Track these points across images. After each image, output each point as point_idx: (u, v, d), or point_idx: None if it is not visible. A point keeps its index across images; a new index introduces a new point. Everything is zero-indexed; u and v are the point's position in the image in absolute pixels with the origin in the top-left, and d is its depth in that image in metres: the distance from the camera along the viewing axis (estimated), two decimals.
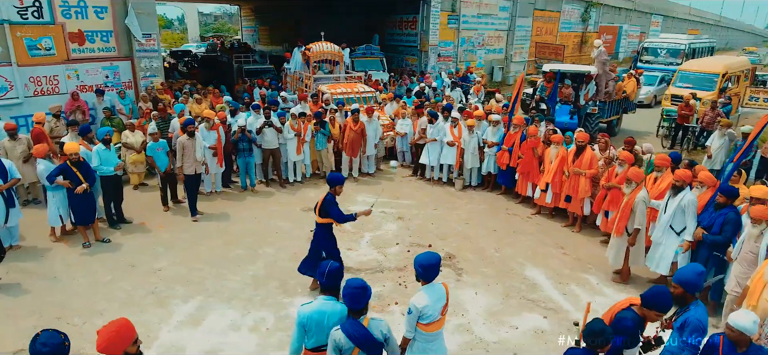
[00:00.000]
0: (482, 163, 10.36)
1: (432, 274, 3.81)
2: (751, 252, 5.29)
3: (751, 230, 5.30)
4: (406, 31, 22.28)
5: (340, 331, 3.41)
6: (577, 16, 32.74)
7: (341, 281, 3.61)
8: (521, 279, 6.87)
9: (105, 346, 2.93)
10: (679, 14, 52.24)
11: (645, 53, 27.56)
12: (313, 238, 6.31)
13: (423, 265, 3.78)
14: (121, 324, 3.03)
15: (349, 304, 3.45)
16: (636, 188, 6.59)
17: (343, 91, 12.69)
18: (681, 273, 3.91)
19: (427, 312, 3.75)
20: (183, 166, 8.51)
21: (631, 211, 6.52)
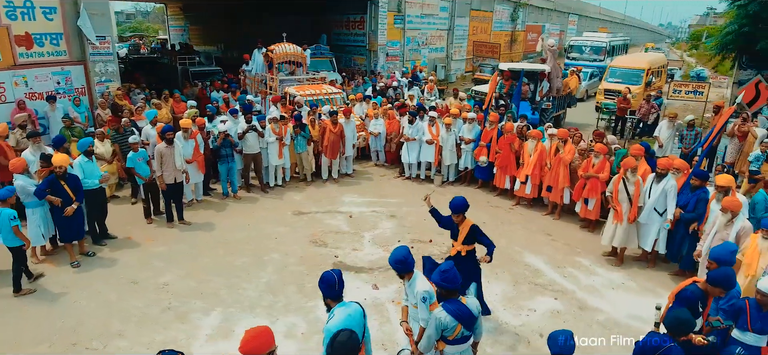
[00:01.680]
0: (459, 159, 10.82)
1: (411, 262, 4.14)
2: (722, 240, 5.71)
3: (721, 218, 5.89)
4: (354, 31, 22.41)
5: (443, 311, 3.74)
6: (507, 15, 34.53)
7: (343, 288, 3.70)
8: (524, 266, 7.36)
9: (246, 350, 2.98)
10: (591, 14, 56.57)
11: (571, 50, 29.73)
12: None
13: (399, 260, 4.10)
14: (262, 331, 3.09)
15: (449, 286, 3.79)
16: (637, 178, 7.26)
17: (312, 93, 12.65)
18: (716, 251, 4.52)
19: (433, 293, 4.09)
20: (163, 175, 8.19)
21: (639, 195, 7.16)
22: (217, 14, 30.29)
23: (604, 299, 6.52)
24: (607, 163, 8.33)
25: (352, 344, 3.11)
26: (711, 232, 6.08)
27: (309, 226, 8.62)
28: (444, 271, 3.83)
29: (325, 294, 3.68)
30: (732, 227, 5.83)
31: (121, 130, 9.14)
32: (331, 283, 3.61)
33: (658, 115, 14.95)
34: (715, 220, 6.09)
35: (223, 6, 28.13)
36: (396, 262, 4.14)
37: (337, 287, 3.61)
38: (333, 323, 3.46)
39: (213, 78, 17.59)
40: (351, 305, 3.63)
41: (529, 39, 39.41)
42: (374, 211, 9.33)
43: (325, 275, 3.66)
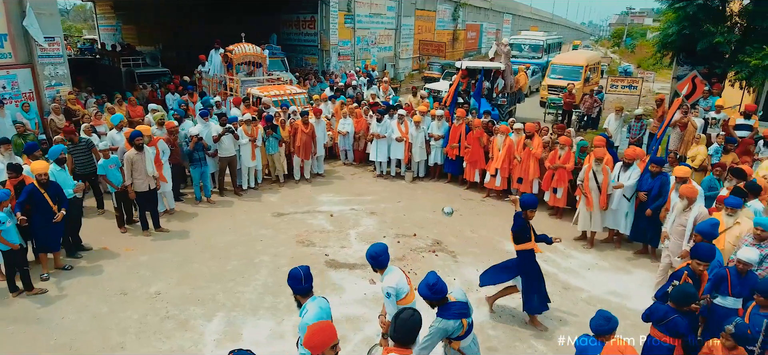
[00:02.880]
0: (429, 155, 11.18)
1: (386, 259, 4.30)
2: (681, 225, 6.23)
3: (679, 204, 6.27)
4: (305, 30, 22.29)
5: (444, 321, 3.86)
6: (448, 15, 35.53)
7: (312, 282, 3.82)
8: (506, 253, 7.76)
9: (312, 343, 3.06)
10: (524, 13, 59.27)
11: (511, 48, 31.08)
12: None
13: (374, 255, 4.25)
14: (325, 325, 3.17)
15: (438, 297, 3.88)
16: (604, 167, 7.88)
17: (277, 94, 12.56)
18: (700, 226, 5.09)
19: (401, 287, 4.25)
20: (134, 183, 7.90)
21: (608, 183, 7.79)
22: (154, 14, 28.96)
23: (583, 279, 7.08)
24: (572, 154, 8.98)
25: (413, 321, 3.29)
26: (670, 218, 6.60)
27: (292, 227, 8.62)
28: (431, 284, 3.90)
29: (295, 290, 3.79)
30: (690, 212, 6.28)
31: (77, 140, 8.58)
32: (298, 278, 3.74)
33: (600, 108, 16.13)
34: (674, 207, 6.63)
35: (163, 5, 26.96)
36: (369, 257, 4.31)
37: (303, 282, 3.73)
38: (308, 317, 3.59)
39: (161, 80, 16.95)
40: (320, 299, 3.79)
41: (469, 37, 40.74)
42: (353, 209, 9.47)
43: (292, 272, 3.77)
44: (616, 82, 18.01)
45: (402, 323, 3.26)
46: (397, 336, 3.28)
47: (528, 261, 5.69)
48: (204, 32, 23.78)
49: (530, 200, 5.62)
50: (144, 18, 29.99)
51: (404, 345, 3.28)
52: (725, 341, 3.90)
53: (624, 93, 17.63)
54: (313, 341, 3.08)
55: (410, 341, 3.32)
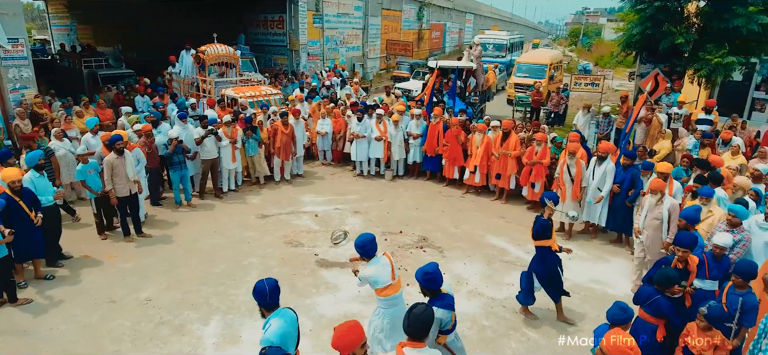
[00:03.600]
0: (408, 154, 11.36)
1: (371, 249, 4.47)
2: (655, 218, 6.42)
3: (651, 199, 6.47)
4: (273, 30, 22.09)
5: (440, 310, 3.95)
6: (414, 14, 35.90)
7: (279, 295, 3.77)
8: (490, 247, 8.06)
9: (340, 344, 3.12)
10: (485, 13, 60.49)
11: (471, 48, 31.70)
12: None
13: (361, 245, 4.44)
14: (353, 325, 3.21)
15: (432, 286, 4.04)
16: (578, 160, 8.27)
17: (252, 95, 12.45)
18: (685, 211, 5.46)
19: (377, 278, 4.39)
20: (115, 188, 7.71)
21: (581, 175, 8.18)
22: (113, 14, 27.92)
23: (566, 269, 7.27)
24: (548, 149, 9.34)
25: (426, 316, 3.38)
26: (643, 212, 6.75)
27: (278, 228, 8.61)
28: (427, 272, 4.03)
29: (259, 304, 3.70)
30: (663, 205, 6.51)
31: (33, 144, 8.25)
32: (263, 293, 3.64)
33: (566, 105, 16.74)
34: (642, 202, 6.85)
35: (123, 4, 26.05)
36: (357, 246, 4.49)
37: (269, 297, 3.64)
38: (271, 332, 3.49)
39: (126, 81, 16.46)
40: (286, 313, 3.68)
41: (433, 37, 41.26)
42: (337, 208, 9.53)
43: (257, 285, 3.68)
44: (579, 80, 18.74)
45: (415, 318, 3.33)
46: (411, 330, 3.35)
47: (545, 256, 5.76)
48: (167, 32, 23.19)
49: (550, 195, 5.80)
50: (102, 17, 28.88)
51: (418, 339, 3.35)
52: (700, 322, 4.21)
53: (587, 90, 18.35)
54: (343, 342, 3.12)
55: (423, 335, 3.38)
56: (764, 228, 5.39)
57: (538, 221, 5.68)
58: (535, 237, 5.73)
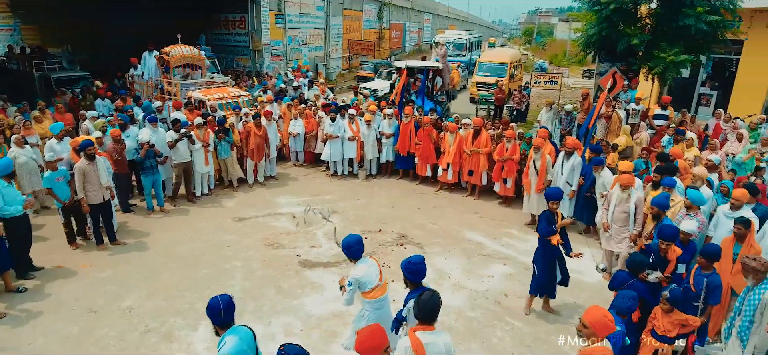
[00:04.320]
0: (380, 153, 11.50)
1: (358, 250, 4.53)
2: (623, 212, 6.69)
3: (621, 194, 6.67)
4: (235, 31, 21.72)
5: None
6: (374, 14, 36.08)
7: (234, 312, 3.61)
8: (467, 241, 8.32)
9: (365, 348, 3.14)
10: (442, 12, 61.41)
11: (437, 47, 32.21)
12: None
13: (347, 246, 4.52)
14: (376, 329, 3.24)
15: (414, 279, 4.12)
16: (542, 152, 8.65)
17: (220, 97, 12.25)
18: (656, 199, 5.84)
19: (367, 278, 4.46)
20: (87, 195, 7.49)
21: (545, 169, 8.56)
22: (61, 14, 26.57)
23: None
24: (518, 146, 9.70)
25: (433, 301, 3.56)
26: (611, 206, 6.97)
27: (256, 230, 8.56)
28: (412, 262, 4.10)
29: (213, 322, 3.56)
30: (630, 200, 6.78)
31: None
32: (216, 310, 3.49)
33: (528, 103, 17.32)
34: (610, 197, 7.05)
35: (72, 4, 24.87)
36: (344, 247, 4.57)
37: (223, 314, 3.50)
38: (225, 350, 3.34)
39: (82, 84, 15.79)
40: (241, 330, 3.52)
41: (393, 36, 41.57)
42: (314, 209, 9.55)
43: (211, 302, 3.54)
44: (538, 78, 19.40)
45: (424, 303, 3.52)
46: (421, 315, 3.54)
47: (545, 250, 5.93)
48: (122, 32, 22.37)
49: (555, 192, 5.97)
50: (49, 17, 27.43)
51: (428, 322, 3.54)
52: (663, 305, 4.56)
53: (546, 88, 19.03)
54: (365, 347, 3.14)
55: (433, 319, 3.56)
56: (730, 217, 5.85)
57: (543, 218, 5.87)
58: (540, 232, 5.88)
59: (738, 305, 4.42)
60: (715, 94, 15.33)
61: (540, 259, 5.97)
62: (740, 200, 5.93)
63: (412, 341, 3.39)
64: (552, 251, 5.89)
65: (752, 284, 4.23)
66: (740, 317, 4.27)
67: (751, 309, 4.14)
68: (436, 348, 3.44)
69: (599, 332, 3.46)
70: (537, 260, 6.03)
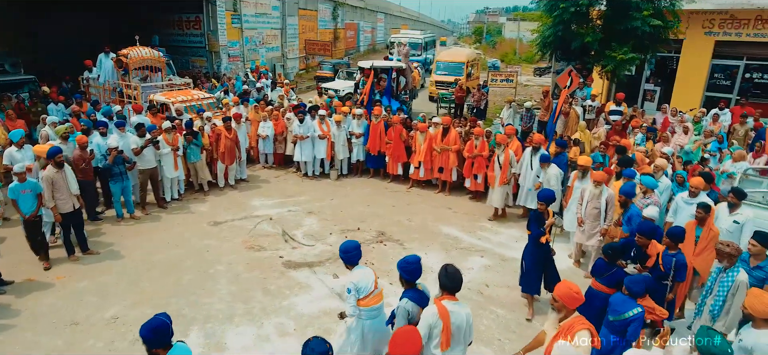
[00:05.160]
0: (351, 153, 11.64)
1: (356, 256, 4.48)
2: (595, 208, 6.97)
3: (593, 190, 6.93)
4: (189, 31, 21.15)
5: (410, 302, 4.16)
6: (329, 14, 36.00)
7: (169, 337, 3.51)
8: (444, 236, 8.62)
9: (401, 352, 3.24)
10: (395, 12, 61.97)
11: (392, 47, 32.59)
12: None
13: (345, 251, 4.45)
14: (410, 330, 3.38)
15: (410, 278, 4.24)
16: (505, 149, 9.08)
17: (185, 99, 12.01)
18: (624, 188, 6.31)
19: (365, 284, 4.40)
20: (57, 205, 7.23)
21: (509, 164, 8.99)
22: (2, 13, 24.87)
23: (515, 250, 8.10)
24: (486, 143, 10.11)
25: (459, 273, 3.91)
26: (584, 202, 7.26)
27: (235, 234, 8.51)
28: (409, 262, 4.21)
29: (149, 346, 3.40)
30: (602, 197, 7.08)
31: None
32: (148, 336, 3.39)
33: (487, 101, 17.91)
34: (584, 193, 7.29)
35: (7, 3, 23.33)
36: (341, 252, 4.50)
37: (161, 335, 3.42)
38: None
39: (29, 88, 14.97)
40: (181, 347, 3.51)
41: (348, 36, 41.62)
42: (290, 210, 9.59)
43: (144, 327, 3.41)
44: (495, 77, 20.11)
45: (452, 275, 3.88)
46: (450, 284, 3.86)
47: (534, 249, 6.16)
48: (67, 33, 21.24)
49: (546, 194, 6.10)
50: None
51: (452, 293, 3.88)
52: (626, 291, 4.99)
53: (503, 86, 19.75)
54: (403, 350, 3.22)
55: (457, 289, 3.88)
56: (689, 203, 6.42)
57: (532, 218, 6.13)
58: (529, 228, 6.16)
59: (709, 284, 4.88)
60: (659, 90, 16.47)
61: (529, 257, 6.24)
62: (698, 187, 6.52)
63: (439, 308, 3.63)
64: (541, 250, 6.11)
65: (725, 267, 4.67)
66: (712, 296, 4.72)
67: (724, 290, 4.59)
68: (458, 317, 3.76)
69: (568, 303, 3.80)
70: (526, 257, 6.30)
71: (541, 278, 6.31)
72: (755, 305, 3.77)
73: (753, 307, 3.78)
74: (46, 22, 22.97)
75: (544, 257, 6.20)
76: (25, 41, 24.94)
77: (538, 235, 6.06)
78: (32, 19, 23.97)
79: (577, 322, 3.78)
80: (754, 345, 3.71)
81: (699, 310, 4.91)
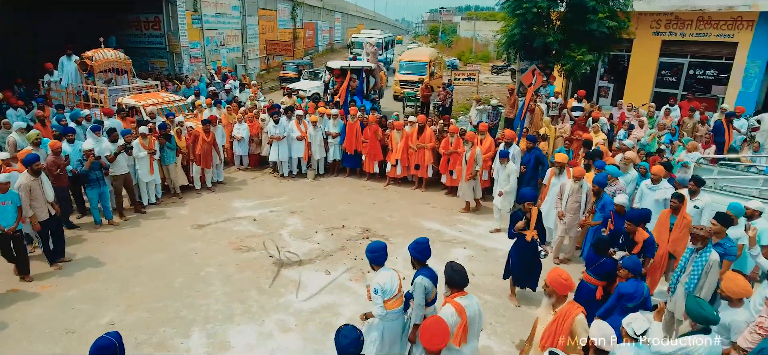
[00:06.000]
0: (328, 152, 11.80)
1: (382, 257, 4.59)
2: (576, 202, 7.32)
3: (574, 185, 7.29)
4: (148, 32, 20.59)
5: (425, 278, 4.48)
6: (288, 14, 35.75)
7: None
8: (426, 230, 8.94)
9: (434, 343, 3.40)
10: (352, 12, 62.07)
11: (354, 46, 32.78)
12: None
13: (372, 250, 4.58)
14: (436, 320, 3.56)
15: (421, 258, 4.58)
16: (473, 146, 9.53)
17: (155, 102, 11.80)
18: (597, 178, 6.82)
19: (390, 286, 4.51)
20: (35, 213, 7.08)
21: (474, 160, 9.43)
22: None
23: (494, 241, 8.59)
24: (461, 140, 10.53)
25: (463, 268, 4.17)
26: (565, 197, 7.59)
27: (220, 236, 8.52)
28: (420, 243, 4.54)
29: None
30: (582, 191, 7.31)
31: None
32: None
33: (452, 99, 18.44)
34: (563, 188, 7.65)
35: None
36: (368, 252, 4.62)
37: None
38: None
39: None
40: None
41: (307, 36, 41.44)
42: (272, 211, 9.67)
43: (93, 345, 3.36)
44: (458, 76, 20.72)
45: (458, 272, 4.13)
46: (460, 279, 4.13)
47: (518, 247, 6.48)
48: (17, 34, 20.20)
49: (527, 194, 6.36)
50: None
51: (461, 288, 4.16)
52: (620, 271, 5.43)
53: (465, 85, 20.38)
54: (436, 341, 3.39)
55: (466, 282, 4.16)
56: (653, 189, 7.03)
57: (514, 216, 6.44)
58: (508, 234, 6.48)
59: (682, 263, 5.40)
60: (612, 87, 17.50)
61: (514, 253, 6.55)
62: (659, 175, 7.13)
63: (455, 307, 3.92)
64: (525, 248, 6.33)
65: (698, 248, 5.20)
66: (687, 274, 5.25)
67: (699, 269, 5.11)
68: (471, 310, 4.06)
69: (558, 290, 4.11)
70: (512, 254, 6.60)
71: (523, 273, 6.57)
72: (731, 287, 4.30)
73: (729, 289, 4.31)
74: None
75: (531, 256, 6.39)
76: None
77: (511, 236, 6.37)
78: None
79: (573, 308, 4.08)
80: (731, 322, 4.24)
81: (673, 288, 5.43)
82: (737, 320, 4.23)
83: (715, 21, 14.84)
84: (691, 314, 3.72)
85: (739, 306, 4.30)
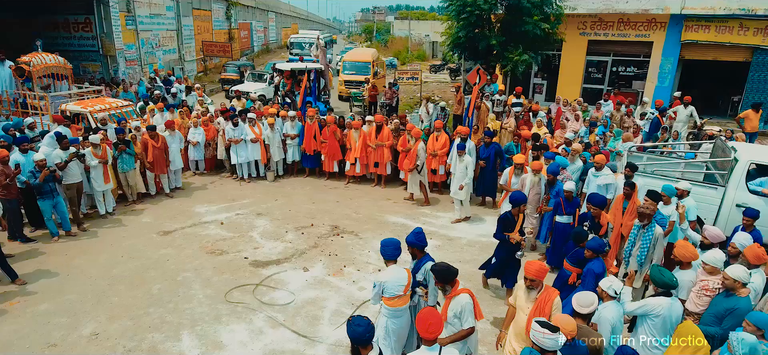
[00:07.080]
0: (286, 154, 11.94)
1: (393, 253, 4.76)
2: (536, 194, 7.84)
3: (533, 178, 7.83)
4: (78, 34, 19.49)
5: (430, 263, 4.87)
6: (222, 14, 34.89)
7: None
8: (393, 224, 9.40)
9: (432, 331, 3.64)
10: (285, 11, 61.31)
11: (293, 47, 32.57)
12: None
13: (384, 245, 4.79)
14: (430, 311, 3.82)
15: (421, 246, 5.00)
16: (416, 142, 10.12)
17: (102, 108, 11.39)
18: (550, 167, 7.55)
19: (393, 283, 4.64)
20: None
21: (416, 155, 10.02)
22: None
23: (456, 231, 9.20)
24: None
25: (447, 266, 4.49)
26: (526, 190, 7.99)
27: (190, 241, 8.49)
28: (417, 234, 4.96)
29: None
30: (541, 182, 8.13)
31: None
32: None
33: (398, 98, 19.03)
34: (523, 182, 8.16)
35: None
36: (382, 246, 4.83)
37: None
38: None
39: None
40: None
41: (242, 36, 40.57)
42: (238, 214, 9.71)
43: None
44: (402, 75, 21.35)
45: (445, 271, 4.39)
46: (441, 278, 4.44)
47: (500, 248, 6.76)
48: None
49: (517, 197, 6.57)
50: None
51: (447, 283, 4.46)
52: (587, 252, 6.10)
53: (409, 84, 21.06)
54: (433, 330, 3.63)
55: (451, 279, 4.45)
56: (596, 175, 7.90)
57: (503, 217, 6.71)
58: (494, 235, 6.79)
59: (632, 240, 6.20)
60: (545, 84, 18.86)
61: (498, 253, 6.87)
62: (601, 163, 8.03)
63: (469, 293, 4.34)
64: (508, 250, 6.57)
65: (644, 225, 5.99)
66: (637, 248, 6.05)
67: (647, 242, 5.92)
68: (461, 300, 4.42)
69: (541, 277, 4.46)
70: (496, 253, 6.94)
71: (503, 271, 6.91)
72: (682, 252, 5.15)
73: (681, 254, 5.15)
74: None
75: (511, 259, 6.63)
76: None
77: (498, 238, 6.68)
78: None
79: (551, 292, 4.47)
80: (680, 281, 5.01)
81: (626, 261, 6.24)
82: (685, 280, 5.05)
83: (633, 22, 16.47)
84: (654, 280, 4.42)
85: (689, 269, 5.12)
